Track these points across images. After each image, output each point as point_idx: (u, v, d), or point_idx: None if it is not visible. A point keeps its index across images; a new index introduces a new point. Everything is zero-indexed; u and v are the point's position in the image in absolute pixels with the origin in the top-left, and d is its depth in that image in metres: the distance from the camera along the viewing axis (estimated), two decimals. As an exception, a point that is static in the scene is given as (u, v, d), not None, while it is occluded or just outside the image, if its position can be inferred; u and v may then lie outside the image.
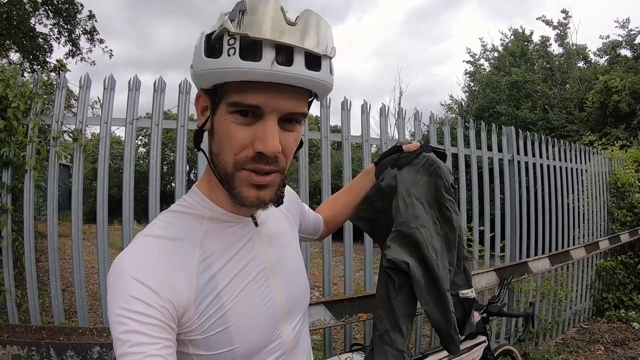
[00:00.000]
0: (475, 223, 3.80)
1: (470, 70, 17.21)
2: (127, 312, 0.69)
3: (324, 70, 0.76)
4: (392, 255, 1.30)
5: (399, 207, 1.32)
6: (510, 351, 3.00)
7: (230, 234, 0.87)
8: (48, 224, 2.40)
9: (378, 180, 1.38)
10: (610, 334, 4.88)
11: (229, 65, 0.70)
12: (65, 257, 5.39)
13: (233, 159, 0.77)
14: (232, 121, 0.75)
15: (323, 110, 2.86)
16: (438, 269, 1.32)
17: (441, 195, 1.37)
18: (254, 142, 0.75)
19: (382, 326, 1.34)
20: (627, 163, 6.10)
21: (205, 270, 0.81)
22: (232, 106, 0.74)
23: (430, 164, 1.36)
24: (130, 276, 0.72)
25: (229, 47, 0.70)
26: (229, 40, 0.70)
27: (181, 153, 2.59)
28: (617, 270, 5.49)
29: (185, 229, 0.83)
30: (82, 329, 2.01)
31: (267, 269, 0.91)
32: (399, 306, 1.32)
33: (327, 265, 2.86)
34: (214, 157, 0.81)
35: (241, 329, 0.82)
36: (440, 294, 1.32)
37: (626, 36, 13.06)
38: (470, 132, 3.87)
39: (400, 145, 1.40)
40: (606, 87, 11.05)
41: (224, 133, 0.77)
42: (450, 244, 1.39)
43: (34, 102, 2.41)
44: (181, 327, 0.77)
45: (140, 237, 0.81)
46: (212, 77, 0.74)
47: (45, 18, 12.85)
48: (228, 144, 0.77)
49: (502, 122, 11.81)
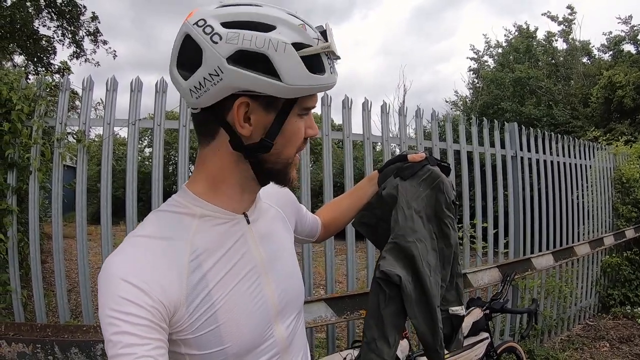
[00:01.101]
0: (479, 220, 3.80)
1: (474, 67, 17.17)
2: (117, 313, 0.70)
3: None
4: (385, 267, 1.31)
5: (398, 219, 1.32)
6: (513, 348, 3.00)
7: (222, 232, 0.87)
8: (53, 225, 2.42)
9: (380, 188, 1.37)
10: (615, 331, 4.86)
11: (330, 81, 0.81)
12: (72, 258, 5.44)
13: (296, 148, 0.88)
14: (299, 121, 0.86)
15: (324, 108, 2.87)
16: (430, 284, 1.32)
17: (441, 211, 1.37)
18: (306, 130, 0.88)
19: (370, 334, 1.34)
20: (632, 158, 6.08)
21: (196, 269, 0.81)
22: (305, 110, 0.85)
23: (434, 178, 1.35)
24: (119, 277, 0.73)
25: (330, 66, 0.81)
26: (327, 59, 0.81)
27: (184, 153, 2.60)
28: (622, 266, 5.47)
29: (176, 228, 0.83)
30: (87, 326, 2.03)
31: (258, 266, 0.90)
32: (388, 317, 1.32)
33: (329, 264, 2.87)
34: (269, 157, 0.85)
35: (232, 328, 0.82)
36: (429, 310, 1.32)
37: (629, 32, 12.99)
38: (473, 129, 3.86)
39: (406, 155, 1.39)
40: (610, 82, 11.01)
41: (294, 133, 0.85)
42: (445, 261, 1.40)
43: (37, 104, 2.44)
44: (172, 326, 0.77)
45: (130, 237, 0.81)
46: (313, 89, 0.81)
47: (48, 20, 12.89)
48: (296, 139, 0.86)
49: (507, 118, 11.78)
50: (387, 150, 3.22)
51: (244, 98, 0.78)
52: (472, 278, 3.12)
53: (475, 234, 3.75)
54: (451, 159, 3.63)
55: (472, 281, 3.12)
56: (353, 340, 2.52)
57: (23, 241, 2.44)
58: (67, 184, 2.70)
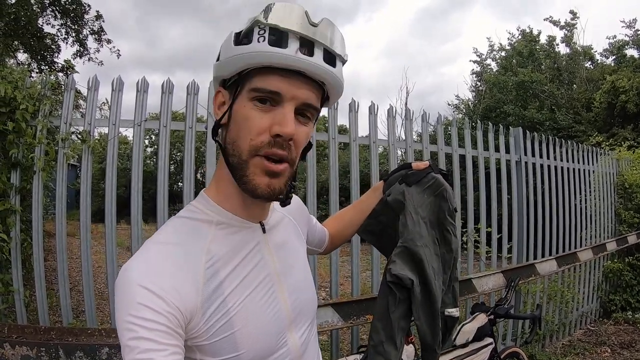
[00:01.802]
0: (483, 224, 3.79)
1: (477, 70, 17.17)
2: (135, 318, 0.70)
3: (338, 69, 0.83)
4: (397, 270, 1.32)
5: (407, 224, 1.33)
6: (517, 353, 3.00)
7: (238, 240, 0.88)
8: (57, 225, 2.41)
9: (385, 194, 1.39)
10: (617, 336, 4.85)
11: (258, 50, 0.77)
12: (72, 256, 5.42)
13: (249, 144, 0.80)
14: (251, 107, 0.80)
15: (330, 111, 2.87)
16: (435, 288, 1.34)
17: (444, 218, 1.39)
18: (272, 127, 0.79)
19: (377, 337, 1.35)
20: (634, 164, 6.08)
21: (212, 276, 0.81)
22: (253, 92, 0.79)
23: (438, 185, 1.38)
24: (137, 283, 0.73)
25: (259, 36, 0.77)
26: (259, 31, 0.77)
27: (189, 155, 2.60)
28: (624, 271, 5.46)
29: (193, 235, 0.84)
30: (91, 329, 2.02)
31: (272, 275, 0.91)
32: (396, 320, 1.34)
33: (334, 266, 2.87)
34: (229, 146, 0.83)
35: (247, 335, 0.82)
36: (433, 312, 1.34)
37: (633, 36, 12.98)
38: (478, 134, 3.86)
39: (410, 163, 1.42)
40: (613, 87, 11.00)
41: (243, 119, 0.81)
42: (446, 266, 1.42)
43: (42, 103, 2.42)
44: (188, 333, 0.77)
45: (148, 243, 0.82)
46: (238, 62, 0.79)
47: (52, 19, 12.90)
48: (245, 129, 0.80)
49: (510, 122, 11.79)
50: (394, 153, 3.21)
51: (220, 87, 0.88)
52: (476, 283, 3.11)
53: (479, 239, 3.74)
54: (456, 163, 3.63)
55: (476, 286, 3.11)
56: (359, 346, 2.51)
57: (26, 241, 2.43)
58: (71, 184, 2.68)
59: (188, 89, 2.58)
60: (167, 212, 2.51)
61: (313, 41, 0.78)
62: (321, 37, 0.79)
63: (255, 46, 0.77)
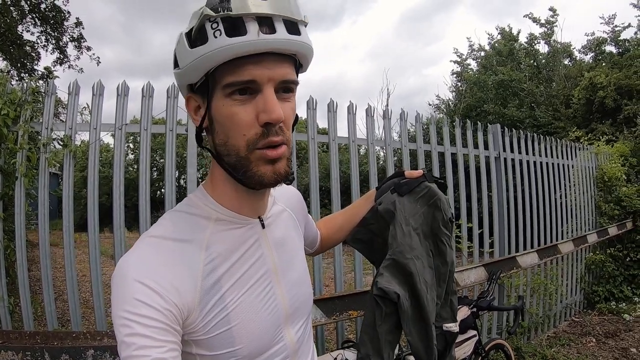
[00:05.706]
0: (464, 220, 3.85)
1: (457, 70, 17.33)
2: (131, 314, 0.70)
3: (304, 34, 0.79)
4: (383, 284, 1.28)
5: (396, 236, 1.30)
6: (501, 345, 3.05)
7: (237, 236, 0.87)
8: (40, 230, 2.40)
9: (376, 203, 1.35)
10: (601, 326, 4.95)
11: (218, 45, 0.72)
12: (56, 266, 5.36)
13: (244, 140, 0.77)
14: (232, 104, 0.77)
15: (310, 112, 2.89)
16: (427, 302, 1.31)
17: (438, 229, 1.35)
18: (259, 116, 0.76)
19: (364, 350, 1.32)
20: (613, 157, 6.19)
21: (210, 272, 0.81)
22: (228, 87, 0.76)
23: (432, 195, 1.33)
24: (134, 278, 0.72)
25: (214, 30, 0.73)
26: (212, 25, 0.73)
27: (170, 158, 2.60)
28: (606, 263, 5.58)
29: (191, 231, 0.83)
30: (76, 333, 2.01)
31: (270, 271, 0.90)
32: (383, 334, 1.31)
33: (317, 265, 2.89)
34: (220, 149, 0.81)
35: (244, 330, 0.82)
36: (425, 327, 1.31)
37: (611, 32, 13.19)
38: (457, 131, 3.92)
39: (403, 171, 1.38)
40: (591, 83, 11.17)
41: (227, 118, 0.78)
42: (441, 278, 1.38)
43: (23, 109, 2.41)
44: (185, 328, 0.77)
45: (145, 237, 0.81)
46: (202, 64, 0.75)
47: (32, 26, 12.78)
48: (233, 127, 0.78)
49: (490, 120, 11.90)
50: (372, 152, 3.25)
51: (189, 93, 0.85)
52: (458, 277, 3.15)
53: (460, 234, 3.80)
54: (435, 160, 3.67)
55: (458, 280, 3.15)
56: (343, 341, 2.53)
57: (9, 248, 2.42)
58: (53, 191, 2.67)
59: (168, 92, 2.59)
60: (149, 218, 2.50)
61: (271, 16, 0.74)
62: (276, 9, 0.74)
63: (214, 43, 0.73)
